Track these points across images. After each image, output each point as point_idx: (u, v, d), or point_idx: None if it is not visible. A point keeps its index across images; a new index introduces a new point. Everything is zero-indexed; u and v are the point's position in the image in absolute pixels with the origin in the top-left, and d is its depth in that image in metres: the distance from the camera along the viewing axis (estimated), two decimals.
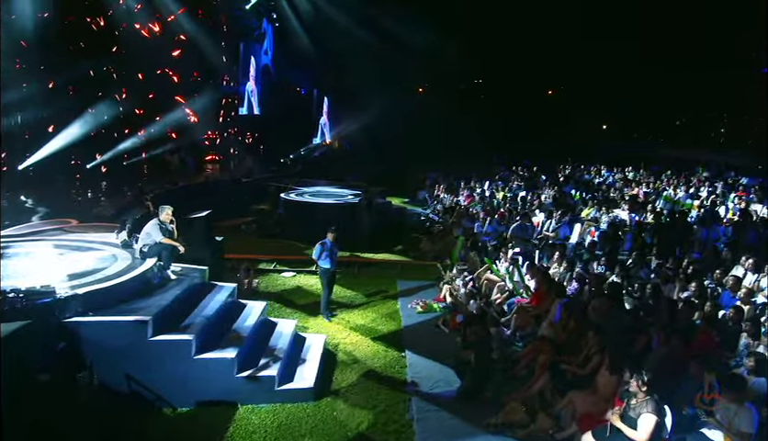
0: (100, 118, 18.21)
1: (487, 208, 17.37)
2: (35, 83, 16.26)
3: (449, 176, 25.33)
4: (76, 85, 17.72)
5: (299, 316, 10.84)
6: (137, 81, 20.69)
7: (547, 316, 8.94)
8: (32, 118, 16.57)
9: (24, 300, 6.69)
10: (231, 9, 28.27)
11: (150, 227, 8.98)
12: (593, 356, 7.24)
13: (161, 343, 7.17)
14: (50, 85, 16.67)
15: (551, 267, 11.43)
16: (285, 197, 17.84)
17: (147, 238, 8.90)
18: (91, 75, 18.31)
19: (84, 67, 17.82)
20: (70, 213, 13.33)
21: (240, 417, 7.19)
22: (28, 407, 6.11)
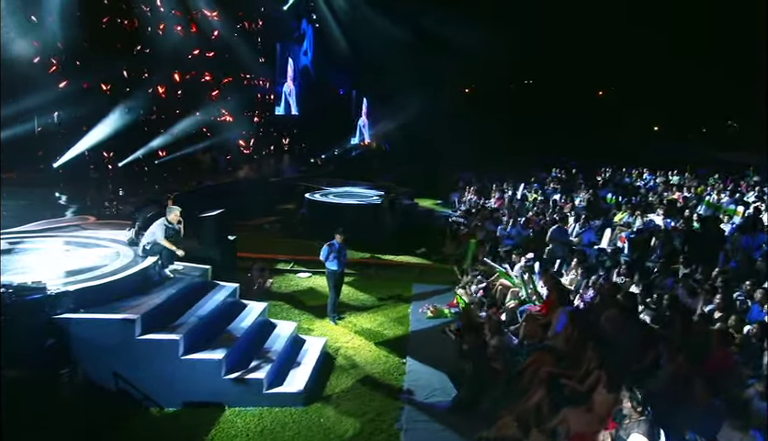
0: (133, 117, 18.60)
1: (512, 211, 16.85)
2: (71, 82, 16.71)
3: (483, 178, 24.79)
4: (111, 85, 18.12)
5: (306, 318, 10.73)
6: (172, 81, 21.07)
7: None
8: (68, 117, 17.04)
9: (13, 296, 6.77)
10: (268, 10, 28.47)
11: (156, 226, 9.02)
12: (593, 371, 6.81)
13: (148, 342, 7.14)
14: (86, 86, 17.10)
15: (569, 274, 10.94)
16: (309, 198, 17.79)
17: (151, 236, 8.94)
18: (125, 75, 18.69)
19: (118, 67, 18.23)
20: (100, 210, 13.62)
21: (224, 419, 7.09)
22: (11, 402, 6.16)
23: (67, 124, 17.04)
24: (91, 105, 17.27)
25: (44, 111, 16.87)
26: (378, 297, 12.19)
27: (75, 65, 17.12)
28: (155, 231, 8.95)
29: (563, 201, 19.41)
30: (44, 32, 16.16)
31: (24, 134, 16.73)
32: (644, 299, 9.36)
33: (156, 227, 9.01)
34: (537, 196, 20.79)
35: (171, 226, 9.04)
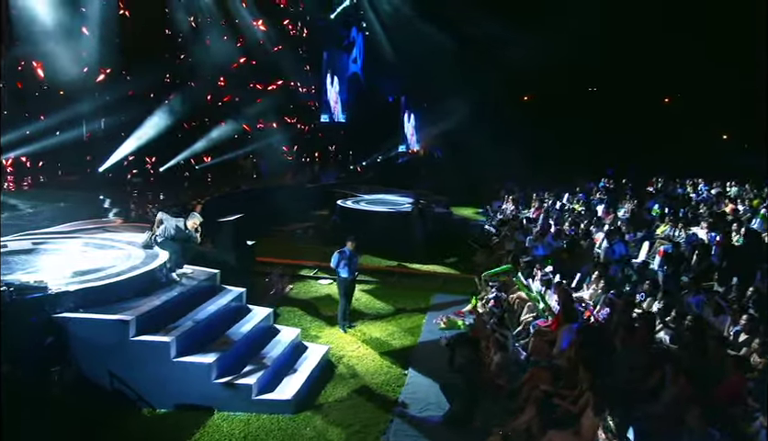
0: (175, 123, 19.25)
1: (545, 221, 16.32)
2: (116, 89, 17.48)
3: (525, 187, 24.22)
4: (155, 91, 18.82)
5: (316, 324, 10.73)
6: (216, 88, 21.71)
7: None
8: (113, 123, 17.80)
9: (14, 294, 7.06)
10: (315, 19, 28.91)
11: (169, 223, 9.15)
12: (586, 392, 6.44)
13: (141, 343, 7.29)
14: (131, 93, 17.84)
15: (590, 288, 10.47)
16: (340, 204, 17.86)
17: (165, 232, 9.09)
18: (168, 82, 19.37)
19: (162, 74, 18.92)
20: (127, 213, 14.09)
21: (211, 423, 7.13)
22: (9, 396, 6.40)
23: (112, 130, 17.75)
24: (135, 111, 17.94)
25: (92, 118, 17.64)
26: (394, 306, 12.05)
27: (121, 74, 17.82)
28: (168, 228, 9.10)
29: (605, 212, 18.69)
30: (92, 42, 16.93)
31: (74, 140, 17.57)
32: (663, 317, 8.81)
33: (170, 224, 9.14)
34: (579, 206, 20.07)
35: (186, 231, 9.17)
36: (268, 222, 17.65)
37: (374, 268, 14.90)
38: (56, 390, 6.74)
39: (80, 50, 16.72)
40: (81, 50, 16.73)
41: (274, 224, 17.92)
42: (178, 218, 9.31)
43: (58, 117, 16.75)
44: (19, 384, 6.50)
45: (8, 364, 6.56)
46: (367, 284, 13.57)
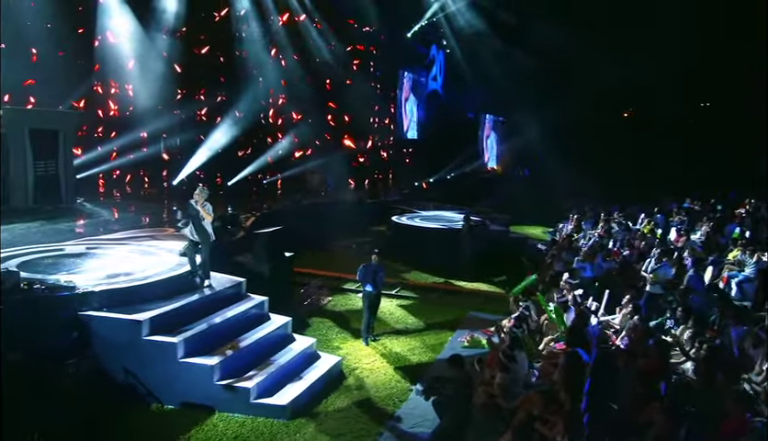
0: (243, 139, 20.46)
1: (597, 243, 15.59)
2: (190, 107, 18.88)
3: (597, 207, 23.22)
4: (224, 111, 20.06)
5: (342, 336, 10.95)
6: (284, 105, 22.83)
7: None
8: (187, 140, 19.17)
9: (45, 291, 7.86)
10: (391, 38, 29.53)
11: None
12: (560, 416, 6.17)
13: (152, 342, 7.84)
14: (203, 111, 19.19)
15: (621, 312, 9.95)
16: (395, 220, 18.06)
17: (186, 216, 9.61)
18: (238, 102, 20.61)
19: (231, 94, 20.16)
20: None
21: (209, 422, 7.51)
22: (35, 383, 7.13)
23: (186, 146, 19.10)
24: (206, 129, 19.22)
25: (170, 134, 19.10)
26: (425, 322, 12.04)
27: (197, 94, 19.19)
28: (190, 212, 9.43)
29: (678, 235, 17.60)
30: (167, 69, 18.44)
31: (154, 156, 19.11)
32: (692, 347, 8.23)
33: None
34: (650, 227, 18.98)
35: (193, 206, 9.30)
36: (326, 236, 18.18)
37: (418, 284, 14.96)
38: (71, 381, 7.36)
39: (158, 76, 18.24)
40: (159, 76, 18.25)
41: (331, 238, 18.38)
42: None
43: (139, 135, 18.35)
44: (42, 373, 7.20)
45: (46, 356, 7.31)
46: (407, 299, 13.66)
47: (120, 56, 17.58)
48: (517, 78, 34.32)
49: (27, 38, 15.44)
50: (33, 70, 15.74)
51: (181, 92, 19.29)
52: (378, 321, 11.82)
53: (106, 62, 17.31)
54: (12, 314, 7.28)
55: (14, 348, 7.08)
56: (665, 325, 9.70)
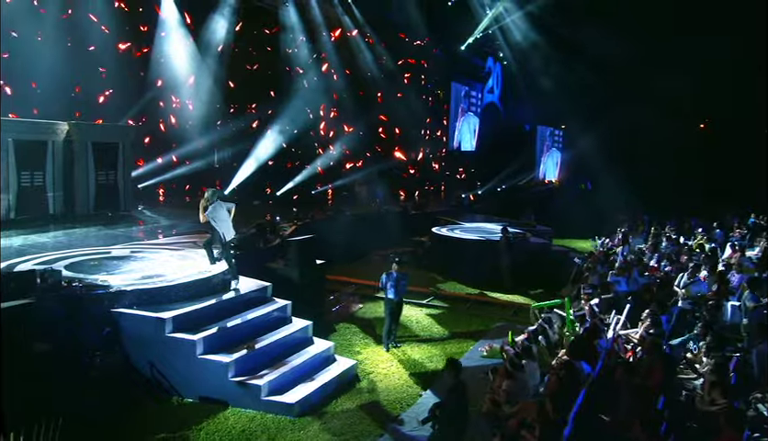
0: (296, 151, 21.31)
1: (632, 257, 15.18)
2: (241, 120, 19.88)
3: (650, 220, 22.54)
4: (275, 123, 20.96)
5: (364, 341, 11.27)
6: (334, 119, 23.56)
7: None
8: (238, 151, 20.14)
9: (82, 289, 8.62)
10: (444, 51, 29.82)
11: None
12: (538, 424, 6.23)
13: (173, 339, 8.43)
14: (255, 124, 20.14)
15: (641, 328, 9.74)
16: (435, 231, 18.25)
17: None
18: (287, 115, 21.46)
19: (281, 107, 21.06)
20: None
21: (221, 416, 8.00)
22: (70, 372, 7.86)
23: (236, 158, 20.06)
24: (257, 141, 20.15)
25: (222, 146, 20.14)
26: (450, 331, 12.19)
27: (248, 107, 20.17)
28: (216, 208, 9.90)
29: (732, 250, 16.85)
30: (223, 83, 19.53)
31: (207, 167, 20.19)
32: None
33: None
34: (701, 241, 18.27)
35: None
36: (367, 245, 18.61)
37: (451, 294, 15.08)
38: (99, 372, 8.04)
39: (212, 91, 19.34)
40: (213, 91, 19.35)
41: (372, 247, 18.78)
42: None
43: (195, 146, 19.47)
44: (73, 362, 7.91)
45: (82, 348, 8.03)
46: (437, 308, 13.82)
47: (178, 72, 18.73)
48: (576, 89, 33.82)
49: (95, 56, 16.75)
50: (101, 86, 17.05)
51: (233, 106, 20.30)
52: (404, 328, 12.11)
53: (165, 77, 18.47)
54: (51, 308, 8.06)
55: (50, 338, 7.83)
56: (689, 342, 9.45)
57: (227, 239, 9.90)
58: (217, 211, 9.77)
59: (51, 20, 15.62)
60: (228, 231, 9.87)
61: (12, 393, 6.61)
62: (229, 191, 20.05)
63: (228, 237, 9.90)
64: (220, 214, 9.79)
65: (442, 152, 31.20)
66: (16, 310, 7.44)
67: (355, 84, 24.53)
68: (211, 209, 9.71)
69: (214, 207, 9.75)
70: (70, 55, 15.79)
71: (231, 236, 9.99)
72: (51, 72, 15.14)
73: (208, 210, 9.70)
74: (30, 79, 15.05)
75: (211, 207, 9.72)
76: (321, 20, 22.66)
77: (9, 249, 11.65)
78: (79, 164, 15.13)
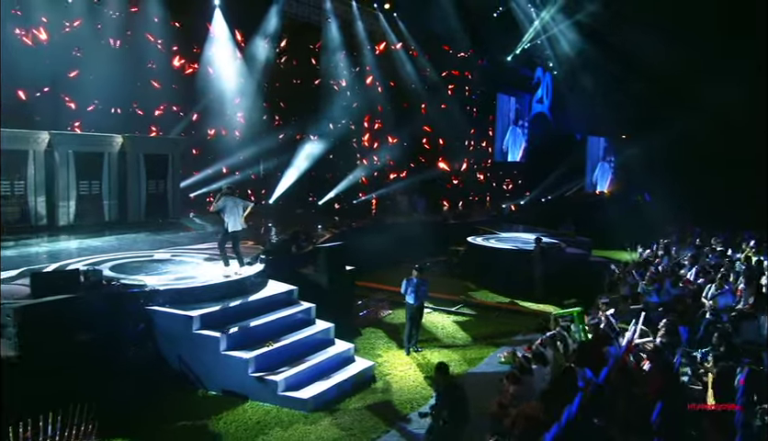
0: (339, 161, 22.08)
1: (668, 267, 14.88)
2: (285, 131, 20.78)
3: (700, 232, 21.91)
4: (319, 134, 21.73)
5: (386, 345, 11.67)
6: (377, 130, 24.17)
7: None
8: (282, 162, 20.98)
9: (120, 288, 9.41)
10: (489, 62, 29.98)
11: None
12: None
13: (200, 336, 9.07)
14: (298, 136, 20.99)
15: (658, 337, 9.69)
16: (469, 241, 18.43)
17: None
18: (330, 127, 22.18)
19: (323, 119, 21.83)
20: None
21: (240, 408, 8.55)
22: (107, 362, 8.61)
23: (280, 168, 20.89)
24: (301, 151, 20.96)
25: (267, 157, 21.04)
26: (473, 337, 12.41)
27: (292, 119, 21.04)
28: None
29: None
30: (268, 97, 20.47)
31: (253, 177, 21.12)
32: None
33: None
34: (749, 254, 17.68)
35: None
36: (404, 253, 18.94)
37: (481, 302, 15.25)
38: (131, 363, 8.75)
39: (258, 104, 20.31)
40: (259, 104, 20.32)
41: (409, 255, 19.08)
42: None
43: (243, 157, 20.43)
44: (108, 353, 8.65)
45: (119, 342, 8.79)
46: (464, 316, 14.04)
47: (226, 86, 19.74)
48: (628, 98, 33.18)
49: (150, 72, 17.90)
50: (155, 100, 18.20)
51: (278, 118, 21.21)
52: (428, 333, 12.43)
53: (214, 91, 19.50)
54: (92, 303, 8.84)
55: (90, 330, 8.58)
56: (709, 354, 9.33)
57: (230, 230, 10.79)
58: (226, 206, 10.72)
59: (110, 40, 16.80)
60: (234, 224, 10.77)
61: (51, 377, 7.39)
62: (273, 199, 20.88)
63: (232, 229, 10.78)
64: (228, 208, 10.73)
65: (487, 162, 31.23)
66: (60, 304, 8.20)
67: (399, 96, 25.05)
68: (220, 204, 10.76)
69: (224, 201, 10.75)
70: (126, 71, 16.93)
71: (237, 229, 10.86)
72: (109, 87, 16.28)
73: (218, 203, 10.79)
74: (90, 94, 16.17)
75: (220, 201, 10.78)
76: (365, 34, 23.33)
77: (67, 251, 12.78)
78: (132, 174, 16.23)
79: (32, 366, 7.47)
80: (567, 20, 30.55)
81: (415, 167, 26.26)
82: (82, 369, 7.96)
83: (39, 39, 15.16)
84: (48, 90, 15.31)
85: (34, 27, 15.03)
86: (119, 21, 17.01)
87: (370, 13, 24.46)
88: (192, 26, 18.89)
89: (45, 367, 7.53)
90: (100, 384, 8.01)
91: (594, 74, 33.25)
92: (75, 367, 7.93)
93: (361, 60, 23.45)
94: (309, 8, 22.50)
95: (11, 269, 10.33)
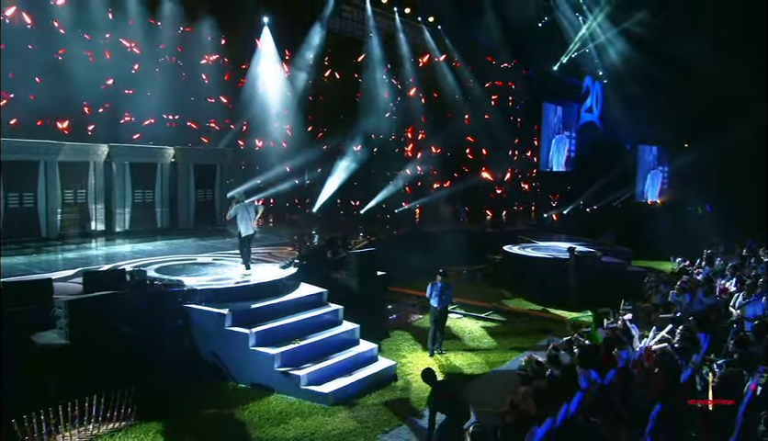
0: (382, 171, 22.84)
1: (705, 277, 14.63)
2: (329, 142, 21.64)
3: (752, 244, 21.26)
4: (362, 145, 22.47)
5: (411, 347, 12.13)
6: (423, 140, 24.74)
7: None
8: (326, 171, 21.76)
9: (161, 287, 10.27)
10: (534, 72, 30.02)
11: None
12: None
13: (232, 332, 9.79)
14: (341, 146, 21.80)
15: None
16: (506, 249, 18.62)
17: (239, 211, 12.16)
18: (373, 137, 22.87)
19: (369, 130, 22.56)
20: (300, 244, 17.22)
21: (265, 400, 9.19)
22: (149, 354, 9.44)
23: (324, 177, 21.67)
24: (344, 162, 21.72)
25: (312, 167, 21.89)
26: (498, 342, 12.70)
27: (336, 130, 21.85)
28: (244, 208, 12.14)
29: None
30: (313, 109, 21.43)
31: (298, 186, 22.00)
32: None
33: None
34: None
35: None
36: (442, 261, 19.26)
37: (513, 310, 15.45)
38: (168, 356, 9.55)
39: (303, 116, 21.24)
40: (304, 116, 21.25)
41: (447, 263, 19.39)
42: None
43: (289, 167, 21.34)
44: (148, 345, 9.47)
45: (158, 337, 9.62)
46: (493, 322, 14.30)
47: (273, 98, 20.72)
48: (680, 107, 32.39)
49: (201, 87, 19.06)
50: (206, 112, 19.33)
51: (323, 129, 22.08)
52: (454, 337, 12.81)
53: (261, 103, 20.50)
54: (135, 300, 9.71)
55: (133, 324, 9.41)
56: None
57: (243, 234, 12.02)
58: (239, 212, 11.98)
59: (164, 58, 18.00)
60: (246, 228, 11.97)
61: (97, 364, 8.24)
62: (317, 208, 21.68)
63: (244, 233, 11.99)
64: (241, 214, 11.96)
65: (532, 172, 31.17)
66: (106, 298, 9.05)
67: (442, 107, 25.50)
68: (232, 212, 12.12)
69: (235, 209, 12.05)
70: (179, 86, 18.10)
71: (249, 232, 12.06)
72: (163, 102, 17.46)
73: (230, 211, 12.05)
74: (146, 109, 17.36)
75: (232, 210, 12.12)
76: (408, 47, 23.96)
77: (120, 254, 13.90)
78: (182, 184, 17.37)
79: (81, 353, 8.31)
80: (614, 29, 30.28)
81: (458, 177, 26.59)
82: (124, 358, 8.76)
83: (103, 58, 16.39)
84: (108, 105, 16.53)
85: (98, 47, 16.28)
86: (174, 40, 18.22)
87: (414, 26, 25.06)
88: (241, 42, 19.96)
89: (92, 355, 8.35)
90: (140, 373, 8.82)
91: (645, 83, 32.66)
92: (119, 356, 8.72)
93: (403, 72, 24.03)
94: (352, 24, 23.32)
95: (70, 269, 11.44)
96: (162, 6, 17.69)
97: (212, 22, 18.81)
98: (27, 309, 8.72)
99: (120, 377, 8.41)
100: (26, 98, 14.49)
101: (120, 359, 8.69)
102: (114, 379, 8.32)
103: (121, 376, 8.43)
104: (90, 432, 7.90)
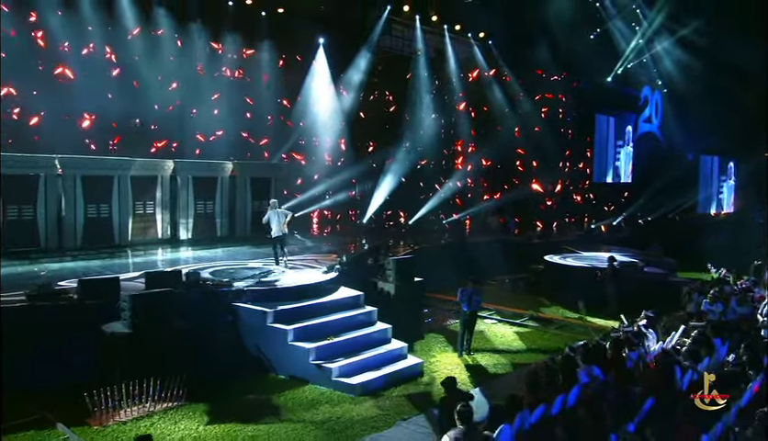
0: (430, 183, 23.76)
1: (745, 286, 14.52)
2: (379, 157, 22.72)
3: None
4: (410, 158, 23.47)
5: (442, 347, 12.88)
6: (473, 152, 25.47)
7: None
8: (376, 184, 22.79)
9: (213, 287, 11.52)
10: (590, 84, 30.10)
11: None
12: None
13: (273, 329, 10.87)
14: (390, 160, 22.82)
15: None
16: (546, 259, 18.99)
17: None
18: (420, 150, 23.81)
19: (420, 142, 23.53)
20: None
21: (300, 389, 10.19)
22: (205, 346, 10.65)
23: (373, 190, 22.70)
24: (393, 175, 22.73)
25: (362, 180, 22.98)
26: (528, 347, 13.19)
27: (386, 145, 22.93)
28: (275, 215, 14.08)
29: None
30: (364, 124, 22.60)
31: (349, 198, 23.15)
32: None
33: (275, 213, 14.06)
34: None
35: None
36: (486, 270, 19.83)
37: (549, 317, 15.87)
38: (217, 349, 10.71)
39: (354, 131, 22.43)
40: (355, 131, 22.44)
41: (490, 272, 19.97)
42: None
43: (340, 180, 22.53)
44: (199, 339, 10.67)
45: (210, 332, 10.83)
46: (528, 328, 14.79)
47: (326, 115, 21.96)
48: (745, 115, 31.56)
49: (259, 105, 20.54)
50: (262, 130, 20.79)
51: (373, 143, 23.19)
52: (485, 340, 13.45)
53: (315, 120, 21.80)
54: (190, 298, 10.98)
55: (187, 319, 10.62)
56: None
57: (273, 236, 14.01)
58: (271, 217, 13.95)
59: (226, 80, 19.59)
60: (277, 230, 13.91)
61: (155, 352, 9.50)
62: (366, 219, 22.73)
63: (275, 234, 13.96)
64: (273, 219, 13.92)
65: (584, 183, 31.13)
66: (163, 294, 10.31)
67: (492, 120, 26.12)
68: (266, 217, 14.17)
69: (269, 215, 14.07)
70: (239, 104, 19.63)
71: (279, 234, 13.99)
72: (225, 119, 19.02)
73: (265, 217, 13.95)
74: (209, 126, 18.97)
75: (266, 215, 14.06)
76: (458, 63, 24.78)
77: (183, 259, 15.40)
78: (240, 196, 18.84)
79: (141, 341, 9.56)
80: (670, 38, 29.97)
81: (508, 189, 27.06)
82: (178, 348, 9.96)
83: (171, 82, 18.11)
84: (175, 124, 18.20)
85: (168, 73, 17.98)
86: (235, 62, 19.79)
87: (464, 42, 25.81)
88: (297, 63, 21.35)
89: (150, 343, 9.59)
90: (191, 361, 9.99)
91: (706, 92, 32.01)
92: (174, 345, 9.93)
93: (452, 87, 24.83)
94: (402, 42, 24.33)
95: (137, 271, 12.93)
96: (224, 35, 19.23)
97: (271, 44, 20.28)
98: (99, 303, 10.14)
99: (174, 363, 9.60)
100: (106, 121, 16.34)
101: (175, 349, 9.90)
102: (169, 365, 9.52)
103: (175, 363, 9.63)
104: (147, 409, 9.13)
